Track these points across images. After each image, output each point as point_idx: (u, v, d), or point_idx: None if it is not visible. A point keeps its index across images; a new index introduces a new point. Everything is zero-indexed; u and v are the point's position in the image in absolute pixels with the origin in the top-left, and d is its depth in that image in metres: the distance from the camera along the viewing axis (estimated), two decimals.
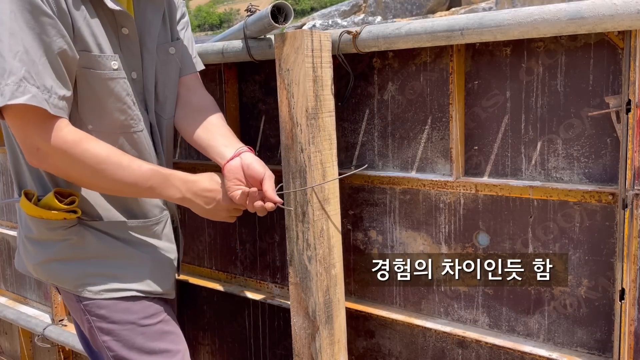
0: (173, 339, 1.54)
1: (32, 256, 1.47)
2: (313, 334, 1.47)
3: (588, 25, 1.17)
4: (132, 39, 1.44)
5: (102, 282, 1.44)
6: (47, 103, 1.22)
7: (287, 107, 1.42)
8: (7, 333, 2.99)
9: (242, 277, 1.97)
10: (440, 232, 1.52)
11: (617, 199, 1.26)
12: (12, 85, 1.18)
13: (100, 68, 1.35)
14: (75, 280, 1.44)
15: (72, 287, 1.45)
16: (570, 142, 1.32)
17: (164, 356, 1.49)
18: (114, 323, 1.45)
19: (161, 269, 1.53)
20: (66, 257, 1.44)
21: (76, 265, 1.44)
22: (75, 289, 1.44)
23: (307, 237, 1.43)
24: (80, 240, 1.43)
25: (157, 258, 1.53)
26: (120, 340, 1.46)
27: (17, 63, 1.19)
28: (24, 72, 1.19)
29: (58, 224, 1.41)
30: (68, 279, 1.45)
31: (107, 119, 1.40)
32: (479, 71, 1.42)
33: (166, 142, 1.58)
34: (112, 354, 1.46)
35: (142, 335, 1.47)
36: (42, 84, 1.22)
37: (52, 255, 1.44)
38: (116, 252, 1.46)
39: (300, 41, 1.37)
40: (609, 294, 1.31)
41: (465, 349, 1.51)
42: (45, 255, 1.45)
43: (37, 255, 1.46)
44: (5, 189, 2.79)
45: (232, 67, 1.87)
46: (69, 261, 1.44)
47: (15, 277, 2.83)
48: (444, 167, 1.49)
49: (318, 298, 1.45)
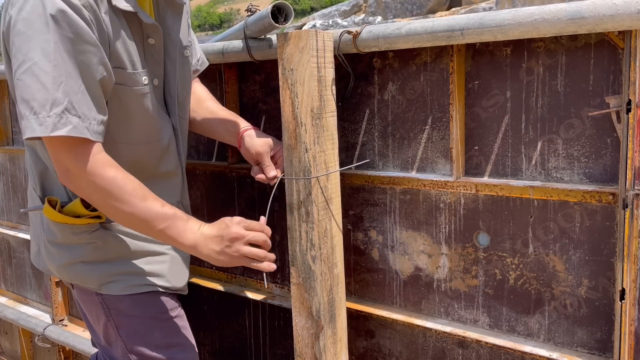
0: (187, 334, 1.59)
1: (56, 258, 1.51)
2: (317, 334, 1.47)
3: (588, 25, 1.17)
4: (157, 48, 1.48)
5: (124, 279, 1.49)
6: (87, 131, 1.27)
7: (290, 107, 1.42)
8: (7, 333, 2.99)
9: (242, 277, 1.97)
10: (440, 232, 1.52)
11: (617, 199, 1.26)
12: (54, 117, 1.23)
13: (133, 84, 1.40)
14: (99, 280, 1.49)
15: (96, 286, 1.49)
16: (571, 142, 1.32)
17: (179, 350, 1.55)
18: (132, 317, 1.50)
19: (178, 266, 1.59)
20: (90, 259, 1.48)
21: (100, 266, 1.48)
22: (99, 288, 1.49)
23: (312, 237, 1.43)
24: (103, 243, 1.48)
25: (174, 255, 1.58)
26: (138, 334, 1.50)
27: (60, 94, 1.23)
28: (67, 103, 1.24)
29: (82, 228, 1.46)
30: (92, 279, 1.49)
31: (135, 131, 1.45)
32: (479, 71, 1.42)
33: (184, 141, 1.65)
34: (129, 348, 1.49)
35: (159, 329, 1.52)
36: (83, 113, 1.26)
37: (76, 257, 1.48)
38: (136, 251, 1.51)
39: (306, 41, 1.37)
40: (609, 294, 1.31)
41: (466, 349, 1.51)
42: (70, 257, 1.49)
43: (62, 257, 1.50)
44: (6, 189, 2.79)
45: (232, 67, 1.87)
46: (93, 262, 1.48)
47: (15, 277, 2.82)
48: (444, 167, 1.49)
49: (322, 298, 1.45)
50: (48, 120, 1.23)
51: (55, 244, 1.49)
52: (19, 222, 2.79)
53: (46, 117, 1.22)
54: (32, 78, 1.22)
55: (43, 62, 1.22)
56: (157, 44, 1.47)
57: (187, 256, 1.63)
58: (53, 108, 1.23)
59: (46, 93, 1.22)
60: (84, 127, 1.26)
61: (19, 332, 2.83)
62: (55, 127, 1.23)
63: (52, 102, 1.22)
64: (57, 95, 1.22)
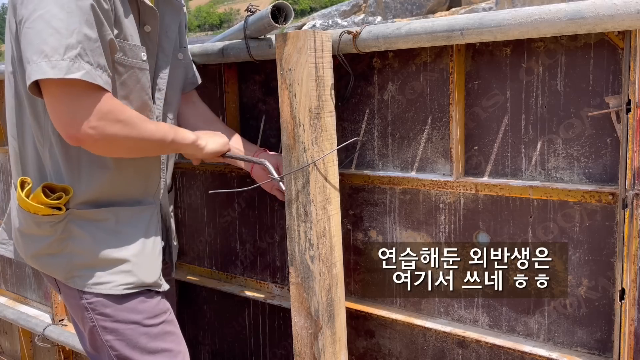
0: (174, 339, 1.56)
1: (23, 248, 1.51)
2: (315, 334, 1.47)
3: (588, 25, 1.17)
4: (152, 37, 1.48)
5: (91, 273, 1.46)
6: (100, 79, 1.26)
7: (288, 107, 1.42)
8: (7, 333, 2.99)
9: (242, 277, 1.97)
10: (440, 232, 1.52)
11: (617, 199, 1.26)
12: (68, 60, 1.21)
13: (133, 57, 1.40)
14: (65, 272, 1.47)
15: (63, 278, 1.47)
16: (570, 142, 1.32)
17: (166, 356, 1.51)
18: (118, 322, 1.47)
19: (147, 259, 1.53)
20: (55, 250, 1.46)
21: (64, 257, 1.46)
22: (66, 280, 1.47)
23: (310, 237, 1.43)
24: (67, 236, 1.45)
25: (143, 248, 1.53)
26: (124, 340, 1.48)
27: (74, 40, 1.22)
28: (80, 49, 1.22)
29: (44, 219, 1.43)
30: (58, 271, 1.48)
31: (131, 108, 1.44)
32: (479, 71, 1.42)
33: None
34: (115, 353, 1.47)
35: (145, 335, 1.49)
36: (96, 61, 1.26)
37: (41, 249, 1.47)
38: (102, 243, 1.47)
39: (303, 41, 1.37)
40: (609, 294, 1.31)
41: (466, 349, 1.51)
42: (35, 248, 1.48)
43: (28, 248, 1.49)
44: (6, 189, 2.79)
45: (232, 67, 1.87)
46: (57, 254, 1.46)
47: (15, 277, 2.82)
48: (444, 167, 1.49)
49: (321, 297, 1.45)
50: (62, 63, 1.21)
51: (23, 233, 1.48)
52: None
53: (59, 60, 1.20)
54: (44, 24, 1.21)
55: (56, 10, 1.21)
56: (152, 33, 1.47)
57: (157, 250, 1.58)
58: (67, 52, 1.21)
59: (60, 38, 1.21)
60: (96, 75, 1.25)
61: (18, 332, 2.83)
62: (69, 70, 1.21)
63: (66, 46, 1.21)
64: (70, 41, 1.21)
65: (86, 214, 1.46)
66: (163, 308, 1.54)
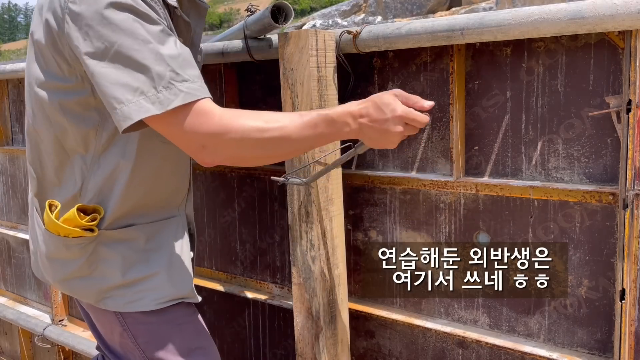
0: (207, 336, 1.53)
1: (51, 273, 1.47)
2: (317, 334, 1.47)
3: (588, 25, 1.17)
4: None
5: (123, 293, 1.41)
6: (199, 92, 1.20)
7: (290, 107, 1.42)
8: (7, 333, 2.99)
9: (242, 277, 1.97)
10: (440, 232, 1.52)
11: (617, 199, 1.25)
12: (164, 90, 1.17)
13: None
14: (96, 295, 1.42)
15: (94, 301, 1.43)
16: (571, 142, 1.32)
17: (201, 353, 1.48)
18: (149, 324, 1.44)
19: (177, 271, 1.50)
20: (85, 273, 1.42)
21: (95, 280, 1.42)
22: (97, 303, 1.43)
23: (311, 238, 1.43)
24: (97, 258, 1.41)
25: (172, 260, 1.50)
26: (157, 341, 1.44)
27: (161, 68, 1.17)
28: (170, 73, 1.17)
29: (75, 241, 1.39)
30: (90, 294, 1.43)
31: None
32: (479, 71, 1.42)
33: None
34: (149, 356, 1.44)
35: (178, 334, 1.46)
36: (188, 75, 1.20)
37: (70, 273, 1.43)
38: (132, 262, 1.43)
39: (305, 41, 1.37)
40: (609, 294, 1.31)
41: (466, 349, 1.51)
42: (64, 272, 1.43)
43: (56, 272, 1.45)
44: (5, 189, 2.79)
45: (232, 67, 1.87)
46: (87, 277, 1.42)
47: (15, 277, 2.82)
48: (444, 167, 1.49)
49: (322, 298, 1.45)
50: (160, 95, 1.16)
51: (50, 258, 1.44)
52: (19, 222, 2.79)
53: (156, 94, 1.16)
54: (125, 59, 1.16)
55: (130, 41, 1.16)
56: (185, 44, 1.42)
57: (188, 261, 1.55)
58: (160, 82, 1.16)
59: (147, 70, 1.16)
60: (194, 89, 1.19)
61: (18, 332, 2.83)
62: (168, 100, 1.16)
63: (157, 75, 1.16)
64: (158, 69, 1.17)
65: (115, 234, 1.41)
66: (190, 307, 1.51)
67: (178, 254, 1.51)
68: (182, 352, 1.46)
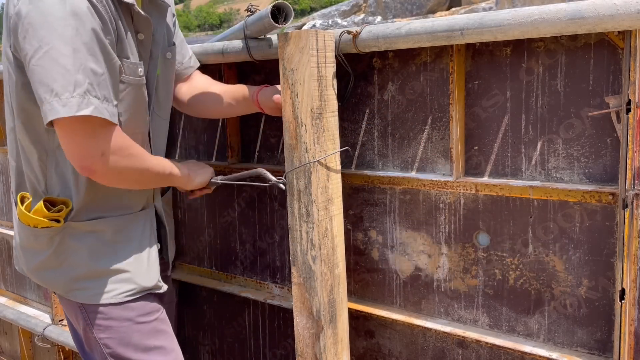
0: (167, 337, 1.58)
1: (24, 263, 1.54)
2: (317, 334, 1.47)
3: (588, 25, 1.17)
4: (146, 45, 1.49)
5: (91, 285, 1.47)
6: (107, 112, 1.29)
7: (290, 107, 1.42)
8: (7, 333, 2.99)
9: (242, 277, 1.97)
10: (440, 232, 1.52)
11: (617, 199, 1.26)
12: (77, 97, 1.24)
13: (134, 75, 1.43)
14: (64, 286, 1.49)
15: (64, 292, 1.50)
16: (571, 142, 1.32)
17: (159, 353, 1.53)
18: (111, 320, 1.49)
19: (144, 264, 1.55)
20: (53, 265, 1.49)
21: (64, 271, 1.48)
22: (67, 294, 1.49)
23: (312, 237, 1.43)
24: (64, 249, 1.47)
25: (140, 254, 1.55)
26: (117, 338, 1.49)
27: (81, 76, 1.25)
28: (87, 85, 1.25)
29: (42, 232, 1.45)
30: (58, 285, 1.50)
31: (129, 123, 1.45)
32: (479, 71, 1.42)
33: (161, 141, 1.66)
34: (108, 352, 1.50)
35: (138, 332, 1.51)
36: (103, 95, 1.29)
37: (40, 262, 1.50)
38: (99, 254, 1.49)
39: (306, 41, 1.37)
40: (609, 294, 1.31)
41: (466, 349, 1.51)
42: (34, 262, 1.51)
43: (28, 262, 1.52)
44: (5, 189, 2.79)
45: (232, 67, 1.87)
46: (56, 269, 1.49)
47: (15, 277, 2.82)
48: (444, 167, 1.49)
49: (323, 298, 1.45)
50: (72, 100, 1.24)
51: (24, 248, 1.52)
52: None
53: (69, 98, 1.24)
54: (52, 62, 1.23)
55: (62, 46, 1.23)
56: (146, 40, 1.48)
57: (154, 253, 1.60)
58: (76, 89, 1.24)
59: (68, 75, 1.23)
60: (103, 108, 1.28)
61: (18, 332, 2.83)
62: (79, 107, 1.24)
63: (75, 83, 1.24)
64: (78, 77, 1.24)
65: (82, 226, 1.47)
66: (155, 307, 1.55)
67: (146, 247, 1.56)
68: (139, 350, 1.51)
